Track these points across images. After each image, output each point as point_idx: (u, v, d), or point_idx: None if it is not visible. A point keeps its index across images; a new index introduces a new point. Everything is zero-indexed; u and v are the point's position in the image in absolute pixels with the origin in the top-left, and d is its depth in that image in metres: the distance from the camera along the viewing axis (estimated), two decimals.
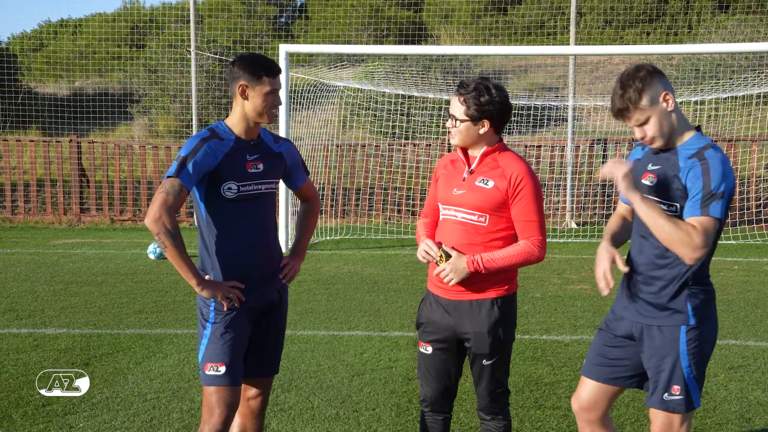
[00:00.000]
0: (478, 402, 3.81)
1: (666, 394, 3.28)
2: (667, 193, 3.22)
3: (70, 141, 15.14)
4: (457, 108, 3.64)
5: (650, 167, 3.31)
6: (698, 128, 3.30)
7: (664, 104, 3.18)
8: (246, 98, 3.54)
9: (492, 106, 3.59)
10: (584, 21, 19.61)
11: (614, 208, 3.74)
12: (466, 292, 3.66)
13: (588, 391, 3.56)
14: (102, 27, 19.85)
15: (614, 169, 3.19)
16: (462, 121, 3.62)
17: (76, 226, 14.93)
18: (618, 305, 3.52)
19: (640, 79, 3.16)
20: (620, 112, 3.20)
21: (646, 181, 3.31)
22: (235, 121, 3.61)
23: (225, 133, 3.59)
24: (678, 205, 3.20)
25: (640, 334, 3.37)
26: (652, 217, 3.13)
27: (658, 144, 3.24)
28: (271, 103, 3.56)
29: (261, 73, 3.52)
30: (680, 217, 3.19)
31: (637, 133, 3.24)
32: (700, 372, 3.30)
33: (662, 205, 3.23)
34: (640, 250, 3.37)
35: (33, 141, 15.41)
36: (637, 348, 3.42)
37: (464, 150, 3.72)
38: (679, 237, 3.09)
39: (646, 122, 3.19)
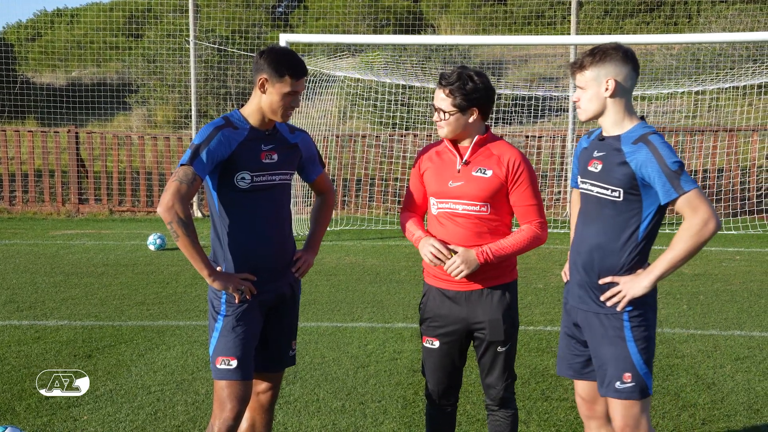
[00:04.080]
0: (488, 393, 3.78)
1: (618, 383, 3.30)
2: (610, 179, 3.30)
3: (69, 131, 15.05)
4: (443, 100, 3.60)
5: (596, 154, 3.40)
6: (642, 118, 3.39)
7: (603, 87, 3.30)
8: (264, 92, 3.47)
9: (478, 93, 3.58)
10: (584, 11, 19.53)
11: None
12: (476, 282, 3.64)
13: (581, 386, 3.59)
14: (99, 16, 19.69)
15: (628, 290, 3.27)
16: (450, 113, 3.59)
17: (74, 216, 14.86)
18: (565, 291, 3.59)
19: (603, 54, 3.29)
20: (572, 66, 3.40)
21: (592, 168, 3.38)
22: (250, 111, 3.55)
23: (240, 122, 3.53)
24: (621, 190, 3.28)
25: (583, 322, 3.42)
26: (678, 260, 3.21)
27: (581, 115, 3.40)
28: (287, 104, 3.49)
29: (285, 72, 3.44)
30: (620, 200, 3.27)
31: (573, 95, 3.45)
32: (649, 357, 3.33)
33: (605, 190, 3.31)
34: (582, 239, 3.44)
35: (31, 131, 15.32)
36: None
37: (452, 141, 3.69)
38: (696, 232, 3.17)
39: (582, 89, 3.35)
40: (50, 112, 16.64)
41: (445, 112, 3.60)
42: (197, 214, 14.65)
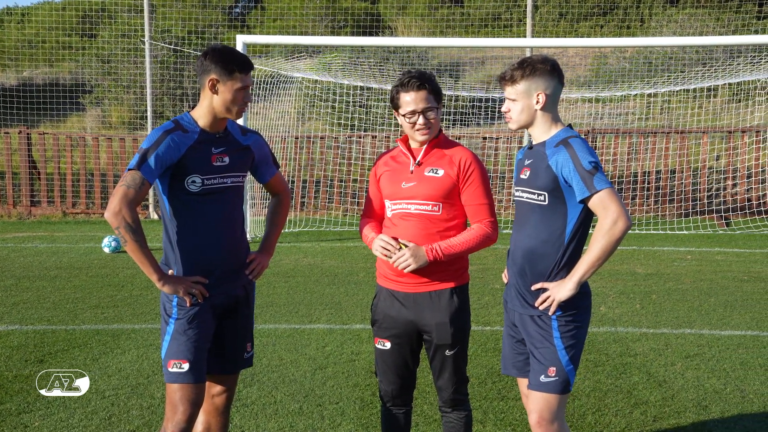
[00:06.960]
0: (440, 395, 3.81)
1: (543, 376, 3.44)
2: (536, 183, 3.43)
3: (20, 132, 14.75)
4: (427, 100, 3.62)
5: (526, 162, 3.55)
6: (570, 126, 3.54)
7: (534, 100, 3.43)
8: (216, 93, 3.46)
9: (440, 88, 3.71)
10: (539, 14, 19.79)
11: None
12: (424, 284, 3.67)
13: (525, 384, 3.68)
14: (51, 15, 19.32)
15: (555, 294, 3.42)
16: (437, 109, 3.66)
17: (26, 219, 14.57)
18: (505, 294, 3.74)
19: (533, 69, 3.40)
20: (501, 79, 3.51)
21: (522, 176, 3.53)
22: (201, 114, 3.53)
23: (190, 125, 3.51)
24: (545, 194, 3.41)
25: (519, 323, 3.58)
26: (595, 260, 3.32)
27: (511, 125, 3.53)
28: (241, 99, 3.49)
29: (233, 69, 3.44)
30: (546, 204, 3.41)
31: (504, 106, 3.55)
32: (575, 356, 3.47)
33: (532, 195, 3.44)
34: (515, 246, 3.58)
35: None
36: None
37: (406, 144, 3.73)
38: (606, 231, 3.30)
39: (513, 101, 3.47)
40: (1, 113, 16.28)
41: (437, 109, 3.65)
42: (153, 216, 14.47)
